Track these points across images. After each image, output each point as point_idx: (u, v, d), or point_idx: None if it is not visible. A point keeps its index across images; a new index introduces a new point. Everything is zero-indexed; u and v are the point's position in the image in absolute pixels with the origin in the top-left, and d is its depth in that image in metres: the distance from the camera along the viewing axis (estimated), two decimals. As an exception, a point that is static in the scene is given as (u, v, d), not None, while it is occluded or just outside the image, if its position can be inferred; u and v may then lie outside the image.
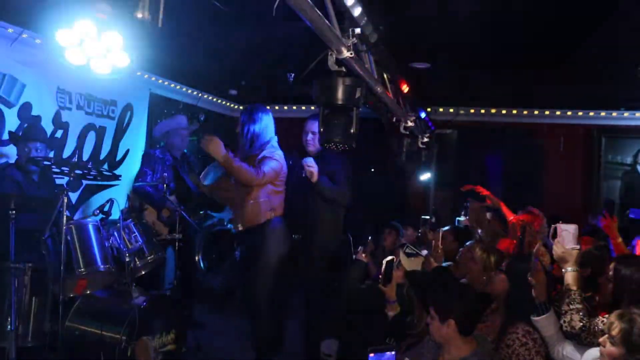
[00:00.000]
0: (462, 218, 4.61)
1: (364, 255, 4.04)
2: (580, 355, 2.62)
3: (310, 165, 4.23)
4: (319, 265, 4.74)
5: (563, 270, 2.79)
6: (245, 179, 4.01)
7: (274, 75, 6.19)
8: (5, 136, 4.57)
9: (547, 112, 7.52)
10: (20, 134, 4.41)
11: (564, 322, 2.68)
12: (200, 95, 7.32)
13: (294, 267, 4.67)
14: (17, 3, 4.22)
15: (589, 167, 7.52)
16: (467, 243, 4.30)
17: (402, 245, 5.03)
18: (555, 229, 2.85)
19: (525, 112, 7.58)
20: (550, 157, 7.40)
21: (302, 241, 4.53)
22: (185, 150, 5.67)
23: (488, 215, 4.23)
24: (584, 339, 2.63)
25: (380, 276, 3.65)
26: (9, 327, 3.42)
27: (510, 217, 3.98)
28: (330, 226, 4.71)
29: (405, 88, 4.48)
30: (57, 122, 5.13)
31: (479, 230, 4.19)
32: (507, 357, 2.71)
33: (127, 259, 3.92)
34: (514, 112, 7.59)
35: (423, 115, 6.11)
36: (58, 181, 4.61)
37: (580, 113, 7.45)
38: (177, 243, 4.61)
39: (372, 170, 7.36)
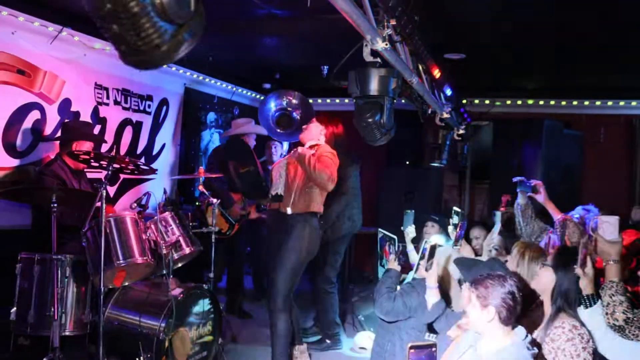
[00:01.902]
0: (499, 212, 4.49)
1: (396, 263, 3.73)
2: (630, 350, 2.55)
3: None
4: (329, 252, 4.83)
5: (604, 262, 2.71)
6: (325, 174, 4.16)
7: (308, 68, 6.19)
8: (47, 131, 4.68)
9: (586, 103, 7.32)
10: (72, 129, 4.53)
11: (607, 314, 2.61)
12: (234, 89, 7.37)
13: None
14: (57, 2, 4.32)
15: (631, 158, 7.31)
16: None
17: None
18: (596, 221, 2.77)
19: (563, 103, 7.40)
20: (590, 149, 7.22)
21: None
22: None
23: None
24: (629, 332, 2.56)
25: (422, 260, 3.55)
26: (52, 316, 3.52)
27: (558, 215, 3.86)
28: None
29: (437, 73, 4.38)
30: (95, 117, 5.24)
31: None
32: (552, 351, 2.64)
33: (165, 252, 3.97)
34: (552, 102, 7.42)
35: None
36: (96, 175, 4.72)
37: (621, 103, 7.23)
38: (213, 236, 4.66)
39: (407, 162, 7.29)
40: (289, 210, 4.15)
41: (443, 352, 2.85)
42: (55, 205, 3.63)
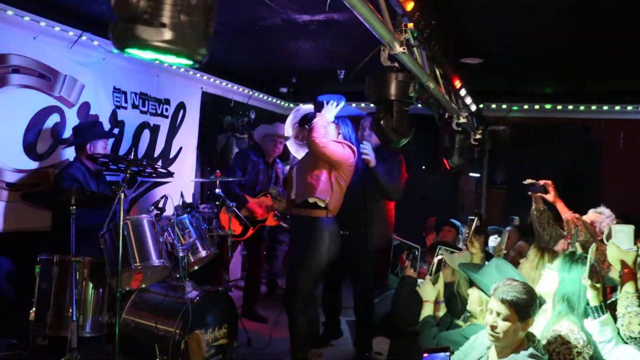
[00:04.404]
0: (517, 217, 4.45)
1: (412, 271, 3.71)
2: None
3: (367, 151, 4.30)
4: (369, 261, 4.73)
5: (619, 272, 2.68)
6: (312, 134, 3.98)
7: (325, 72, 6.20)
8: (66, 134, 4.74)
9: (605, 107, 7.24)
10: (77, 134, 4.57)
11: (622, 325, 2.57)
12: (251, 93, 7.41)
13: (343, 263, 4.67)
14: (77, 7, 4.38)
15: (651, 163, 7.20)
16: (520, 242, 4.18)
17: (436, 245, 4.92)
18: (610, 229, 2.74)
19: (582, 108, 7.32)
20: (608, 154, 7.13)
21: (350, 237, 4.52)
22: (277, 160, 5.79)
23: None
24: None
25: (430, 275, 3.57)
26: (70, 317, 3.56)
27: (567, 214, 3.84)
28: (381, 223, 4.70)
29: (457, 84, 4.40)
30: (114, 121, 5.30)
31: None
32: (548, 354, 2.63)
33: (181, 254, 3.99)
34: (570, 107, 7.35)
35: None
36: (115, 178, 4.77)
37: (641, 107, 7.14)
38: (229, 239, 4.68)
39: (424, 167, 7.26)
40: (308, 213, 4.15)
41: None
42: (74, 207, 3.68)
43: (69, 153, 4.75)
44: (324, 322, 5.17)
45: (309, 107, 4.61)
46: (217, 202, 5.14)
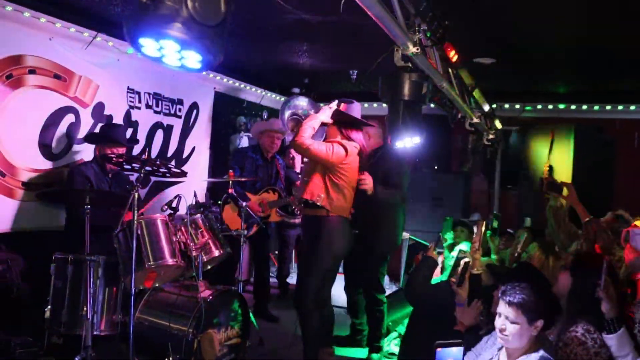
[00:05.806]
0: (529, 219, 4.42)
1: (435, 253, 3.80)
2: None
3: (364, 180, 4.23)
4: (377, 262, 4.74)
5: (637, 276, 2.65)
6: (295, 136, 3.97)
7: (337, 73, 6.20)
8: (81, 134, 4.78)
9: (620, 107, 7.17)
10: (101, 133, 4.62)
11: (639, 332, 2.54)
12: (263, 93, 7.42)
13: (354, 261, 4.67)
14: (92, 8, 4.42)
15: (666, 163, 7.13)
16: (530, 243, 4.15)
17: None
18: (628, 232, 2.70)
19: (596, 108, 7.26)
20: (623, 155, 7.06)
21: (359, 237, 4.51)
22: (277, 156, 5.81)
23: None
24: None
25: (454, 278, 3.55)
26: (84, 315, 3.60)
27: (587, 218, 3.79)
28: (389, 222, 4.71)
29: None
30: (127, 121, 5.33)
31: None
32: (565, 356, 2.59)
33: (194, 254, 4.01)
34: (584, 107, 7.29)
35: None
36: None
37: (657, 107, 7.07)
38: (241, 239, 4.69)
39: (436, 167, 7.23)
40: (310, 212, 4.15)
41: None
42: (89, 207, 3.71)
43: (84, 153, 4.79)
44: (350, 325, 5.18)
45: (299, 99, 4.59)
46: (219, 202, 5.15)
